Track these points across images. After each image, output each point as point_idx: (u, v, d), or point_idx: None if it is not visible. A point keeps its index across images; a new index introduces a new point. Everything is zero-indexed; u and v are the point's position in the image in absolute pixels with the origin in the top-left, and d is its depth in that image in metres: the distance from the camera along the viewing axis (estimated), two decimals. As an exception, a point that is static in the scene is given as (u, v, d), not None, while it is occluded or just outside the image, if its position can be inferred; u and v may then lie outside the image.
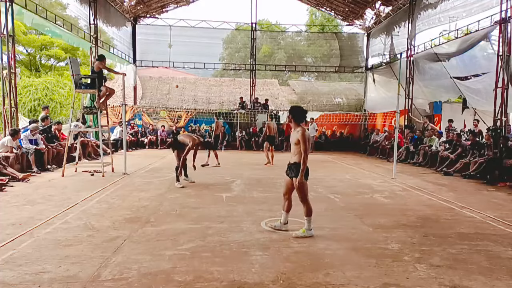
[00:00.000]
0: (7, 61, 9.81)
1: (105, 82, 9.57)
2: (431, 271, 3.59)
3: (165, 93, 22.02)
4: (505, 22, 10.10)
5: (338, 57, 21.89)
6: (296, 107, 4.68)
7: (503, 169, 9.00)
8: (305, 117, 4.64)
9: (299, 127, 4.48)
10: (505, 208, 6.39)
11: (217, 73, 29.40)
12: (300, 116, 4.53)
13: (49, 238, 4.31)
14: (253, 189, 7.66)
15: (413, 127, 15.00)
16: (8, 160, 8.35)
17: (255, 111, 18.87)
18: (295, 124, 4.53)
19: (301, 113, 4.54)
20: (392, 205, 6.48)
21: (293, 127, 4.54)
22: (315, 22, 31.26)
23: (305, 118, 4.71)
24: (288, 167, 4.57)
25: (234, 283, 3.25)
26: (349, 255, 4.00)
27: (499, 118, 10.22)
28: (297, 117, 4.52)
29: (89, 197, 6.45)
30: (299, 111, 4.57)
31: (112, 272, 3.43)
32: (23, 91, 17.77)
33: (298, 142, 4.39)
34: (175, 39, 20.43)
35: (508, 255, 4.09)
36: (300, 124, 4.51)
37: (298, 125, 4.51)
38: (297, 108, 4.64)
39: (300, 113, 4.54)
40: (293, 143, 4.47)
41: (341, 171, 10.87)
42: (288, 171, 4.57)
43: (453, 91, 13.77)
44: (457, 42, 12.55)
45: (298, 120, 4.53)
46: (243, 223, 5.11)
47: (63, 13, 15.67)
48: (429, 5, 14.40)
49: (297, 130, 4.46)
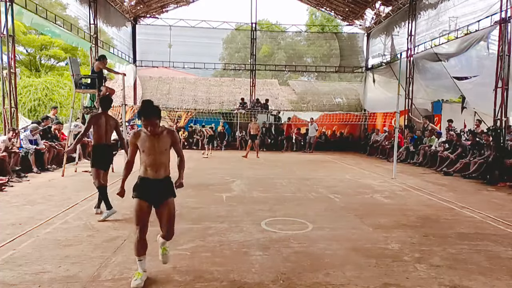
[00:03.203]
0: (7, 61, 9.80)
1: (105, 82, 9.57)
2: (431, 271, 3.59)
3: (165, 93, 22.00)
4: (505, 22, 10.10)
5: (338, 57, 21.88)
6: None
7: (503, 169, 9.00)
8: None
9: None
10: (505, 208, 6.39)
11: (217, 73, 29.38)
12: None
13: (49, 238, 4.31)
14: (253, 189, 7.66)
15: (413, 127, 15.00)
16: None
17: (255, 111, 18.87)
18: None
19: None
20: (392, 205, 6.48)
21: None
22: (315, 22, 31.24)
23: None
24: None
25: (234, 283, 3.25)
26: (349, 255, 3.99)
27: (499, 118, 10.21)
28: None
29: (89, 197, 6.45)
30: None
31: (112, 272, 3.43)
32: (23, 91, 17.74)
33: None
34: (175, 39, 20.42)
35: (508, 255, 4.09)
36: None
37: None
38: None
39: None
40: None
41: (341, 171, 10.87)
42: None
43: (454, 91, 13.79)
44: (457, 42, 12.55)
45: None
46: (243, 223, 5.11)
47: (63, 13, 15.63)
48: (429, 5, 14.41)
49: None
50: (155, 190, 3.25)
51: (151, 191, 3.24)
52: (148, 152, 3.22)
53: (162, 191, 3.29)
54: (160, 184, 3.27)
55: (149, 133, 3.21)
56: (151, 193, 3.24)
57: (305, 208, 6.09)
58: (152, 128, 3.18)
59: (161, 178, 3.26)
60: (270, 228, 4.89)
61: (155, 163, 3.23)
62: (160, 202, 3.28)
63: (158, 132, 3.24)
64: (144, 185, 3.25)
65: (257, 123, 15.13)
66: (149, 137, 3.22)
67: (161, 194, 3.28)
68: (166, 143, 3.28)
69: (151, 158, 3.22)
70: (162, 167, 3.27)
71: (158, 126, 3.23)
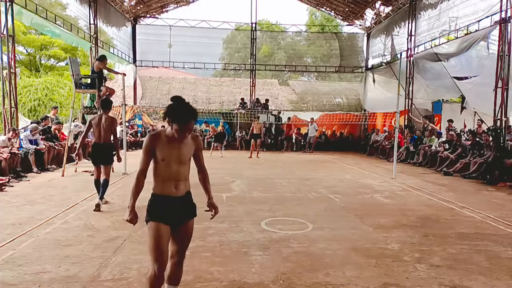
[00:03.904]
0: (7, 61, 9.80)
1: (105, 82, 9.57)
2: (431, 271, 3.59)
3: (165, 93, 21.99)
4: (505, 22, 10.10)
5: (338, 57, 21.88)
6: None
7: (503, 169, 9.00)
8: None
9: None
10: (505, 208, 6.39)
11: (217, 73, 29.39)
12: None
13: (49, 238, 4.31)
14: (253, 189, 7.66)
15: (413, 127, 15.01)
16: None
17: (255, 111, 18.87)
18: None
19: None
20: (392, 205, 6.48)
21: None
22: (315, 22, 31.24)
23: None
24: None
25: (234, 283, 3.25)
26: (349, 255, 3.99)
27: (499, 118, 10.21)
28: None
29: (89, 197, 6.44)
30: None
31: (112, 272, 3.43)
32: (23, 91, 17.75)
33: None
34: (175, 39, 20.42)
35: (508, 255, 4.09)
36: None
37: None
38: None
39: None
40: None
41: (341, 171, 10.87)
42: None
43: (454, 91, 13.80)
44: (457, 42, 12.56)
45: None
46: (243, 223, 5.10)
47: (63, 13, 15.63)
48: (429, 5, 14.42)
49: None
50: (175, 210, 2.58)
51: (171, 211, 2.56)
52: (168, 161, 2.54)
53: (184, 210, 2.63)
54: (181, 202, 2.62)
55: (176, 137, 2.51)
56: (171, 213, 2.56)
57: (305, 208, 6.08)
58: (187, 133, 2.54)
59: (182, 195, 2.62)
60: (270, 228, 4.89)
61: (177, 176, 2.57)
62: (180, 224, 2.62)
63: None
64: (162, 204, 2.57)
65: (260, 123, 15.20)
66: (172, 143, 2.53)
67: (182, 214, 2.62)
68: (190, 150, 2.65)
69: (172, 170, 2.55)
70: (183, 181, 2.63)
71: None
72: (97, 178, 5.87)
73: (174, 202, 2.58)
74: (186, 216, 2.64)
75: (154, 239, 2.51)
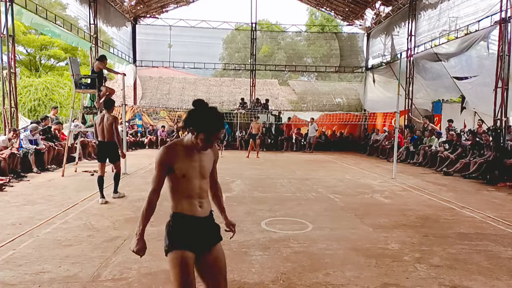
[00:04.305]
0: (7, 61, 9.81)
1: (105, 82, 9.57)
2: (431, 271, 3.59)
3: (165, 93, 22.02)
4: (505, 22, 10.10)
5: (338, 57, 21.88)
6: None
7: (503, 169, 9.01)
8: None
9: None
10: (505, 208, 6.39)
11: (217, 73, 29.37)
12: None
13: (49, 238, 4.31)
14: (253, 189, 7.66)
15: (413, 127, 15.01)
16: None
17: (255, 111, 18.87)
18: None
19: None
20: (392, 205, 6.48)
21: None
22: (315, 22, 31.25)
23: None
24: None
25: (234, 283, 3.25)
26: (349, 255, 3.99)
27: (499, 118, 10.21)
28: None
29: (89, 197, 6.45)
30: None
31: (112, 272, 3.43)
32: (23, 91, 17.75)
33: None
34: (175, 39, 20.42)
35: (508, 255, 4.09)
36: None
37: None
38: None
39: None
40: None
41: (341, 171, 10.87)
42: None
43: (454, 91, 13.81)
44: (457, 42, 12.56)
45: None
46: (243, 223, 5.10)
47: (63, 13, 15.67)
48: (429, 5, 14.42)
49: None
50: (202, 233, 2.16)
51: (198, 235, 2.14)
52: (190, 176, 2.12)
53: (210, 233, 2.21)
54: (207, 223, 2.22)
55: (198, 148, 2.12)
56: (198, 238, 2.14)
57: (305, 208, 6.09)
58: (214, 143, 2.20)
59: (207, 216, 2.22)
60: (270, 228, 4.89)
61: (200, 192, 2.17)
62: (207, 250, 2.17)
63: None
64: (187, 227, 2.14)
65: (259, 122, 15.23)
66: (192, 155, 2.14)
67: (208, 238, 2.20)
68: (211, 162, 2.28)
69: (195, 186, 2.14)
70: (206, 198, 2.23)
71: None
72: (102, 174, 6.14)
73: (200, 223, 2.17)
74: (213, 240, 2.21)
75: (178, 269, 2.04)
